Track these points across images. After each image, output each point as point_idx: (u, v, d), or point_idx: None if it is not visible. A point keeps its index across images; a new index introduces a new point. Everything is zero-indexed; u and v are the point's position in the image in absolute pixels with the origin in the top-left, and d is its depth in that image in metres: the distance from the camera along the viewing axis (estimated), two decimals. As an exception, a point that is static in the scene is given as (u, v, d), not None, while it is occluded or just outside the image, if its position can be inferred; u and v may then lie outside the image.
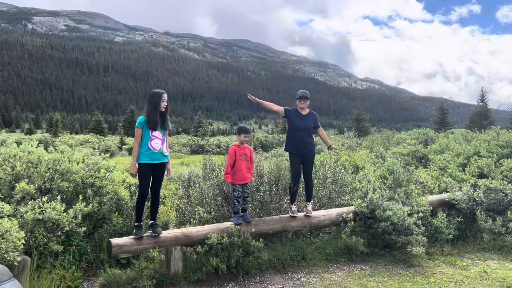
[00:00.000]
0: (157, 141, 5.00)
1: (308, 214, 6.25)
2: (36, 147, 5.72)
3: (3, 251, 3.61)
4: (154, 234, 4.97)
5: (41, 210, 4.55)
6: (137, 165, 4.97)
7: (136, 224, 4.99)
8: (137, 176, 4.98)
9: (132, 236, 4.90)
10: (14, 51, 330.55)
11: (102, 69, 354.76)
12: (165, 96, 5.08)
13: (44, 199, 4.65)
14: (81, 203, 4.92)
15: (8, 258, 3.66)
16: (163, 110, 5.08)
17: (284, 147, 6.65)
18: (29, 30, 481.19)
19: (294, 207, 6.23)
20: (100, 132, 61.45)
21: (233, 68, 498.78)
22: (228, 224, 5.57)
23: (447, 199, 7.54)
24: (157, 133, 5.01)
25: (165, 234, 5.08)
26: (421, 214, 6.46)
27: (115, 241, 4.75)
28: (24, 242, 4.02)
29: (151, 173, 5.02)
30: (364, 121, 63.23)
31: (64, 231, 4.74)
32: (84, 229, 4.98)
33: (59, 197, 4.76)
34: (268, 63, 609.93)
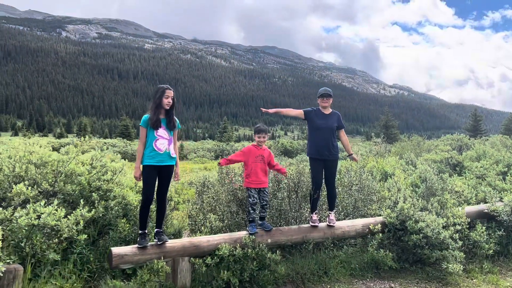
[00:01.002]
0: (163, 142, 4.59)
1: (331, 224, 5.70)
2: (43, 147, 5.43)
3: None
4: (159, 243, 4.55)
5: (37, 215, 4.19)
6: (141, 168, 4.57)
7: (140, 232, 4.58)
8: (142, 180, 4.57)
9: (135, 245, 4.49)
10: (48, 58, 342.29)
11: (132, 75, 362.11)
12: (169, 92, 4.65)
13: (42, 203, 4.29)
14: (82, 208, 4.56)
15: (-9, 268, 3.29)
16: (168, 107, 4.66)
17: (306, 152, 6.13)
18: (63, 38, 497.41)
19: (315, 216, 5.70)
20: (127, 137, 62.23)
21: (260, 75, 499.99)
22: (242, 233, 5.08)
23: (486, 210, 6.81)
24: (162, 133, 4.60)
25: (171, 243, 4.65)
26: (458, 227, 5.79)
27: (116, 250, 4.34)
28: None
29: (156, 176, 4.60)
30: (393, 127, 61.54)
31: (62, 238, 4.36)
32: (85, 236, 4.59)
33: (56, 201, 4.40)
34: (294, 70, 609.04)
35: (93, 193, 5.22)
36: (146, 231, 4.61)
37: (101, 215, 5.14)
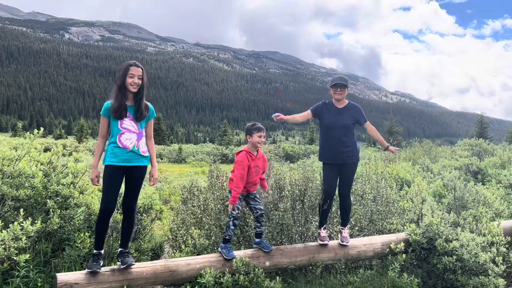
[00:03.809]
0: (130, 136, 3.51)
1: (344, 243, 4.63)
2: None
3: None
4: (122, 267, 3.47)
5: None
6: (102, 168, 3.51)
7: (94, 251, 3.50)
8: (102, 183, 3.50)
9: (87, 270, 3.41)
10: (51, 60, 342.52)
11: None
12: (135, 69, 3.54)
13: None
14: (23, 219, 3.50)
15: None
16: (134, 90, 3.57)
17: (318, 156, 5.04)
18: (66, 40, 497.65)
19: (323, 232, 4.63)
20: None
21: (262, 79, 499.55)
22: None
23: (525, 226, 5.74)
24: (129, 125, 3.52)
25: (139, 267, 3.57)
26: (502, 248, 4.71)
27: (63, 277, 3.27)
28: None
29: (122, 180, 3.53)
30: (397, 133, 60.55)
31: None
32: (27, 256, 3.53)
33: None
34: (296, 75, 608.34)
35: (48, 200, 4.17)
36: (102, 251, 3.53)
37: (56, 227, 4.09)
